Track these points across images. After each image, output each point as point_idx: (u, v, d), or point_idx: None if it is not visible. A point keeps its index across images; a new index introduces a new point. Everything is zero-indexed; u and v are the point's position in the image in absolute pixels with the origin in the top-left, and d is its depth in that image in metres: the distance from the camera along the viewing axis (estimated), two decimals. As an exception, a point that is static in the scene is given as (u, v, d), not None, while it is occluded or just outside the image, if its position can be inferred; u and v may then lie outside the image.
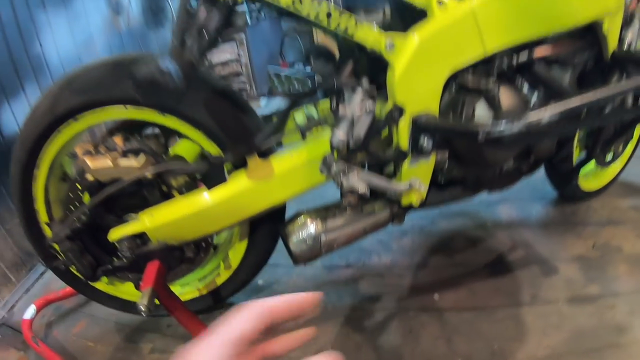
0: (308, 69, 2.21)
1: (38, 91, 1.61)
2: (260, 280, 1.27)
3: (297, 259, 0.88)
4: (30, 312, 1.24)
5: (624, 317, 1.01)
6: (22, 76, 1.54)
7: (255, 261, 1.08)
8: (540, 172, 1.34)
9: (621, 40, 1.07)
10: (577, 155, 1.26)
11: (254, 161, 0.85)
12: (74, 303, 1.33)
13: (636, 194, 1.47)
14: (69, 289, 1.27)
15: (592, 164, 1.43)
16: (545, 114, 0.79)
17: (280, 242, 1.03)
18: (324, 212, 0.88)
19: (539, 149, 1.01)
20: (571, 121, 0.88)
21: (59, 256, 1.00)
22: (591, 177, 1.44)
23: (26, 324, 1.21)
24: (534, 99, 0.96)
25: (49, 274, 1.50)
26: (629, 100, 1.06)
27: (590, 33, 0.94)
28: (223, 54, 2.75)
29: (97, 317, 1.26)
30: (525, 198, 1.49)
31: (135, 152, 0.84)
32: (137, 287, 0.95)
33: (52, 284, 1.42)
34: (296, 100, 0.84)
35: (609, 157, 1.40)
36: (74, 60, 1.81)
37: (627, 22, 1.09)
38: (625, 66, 0.99)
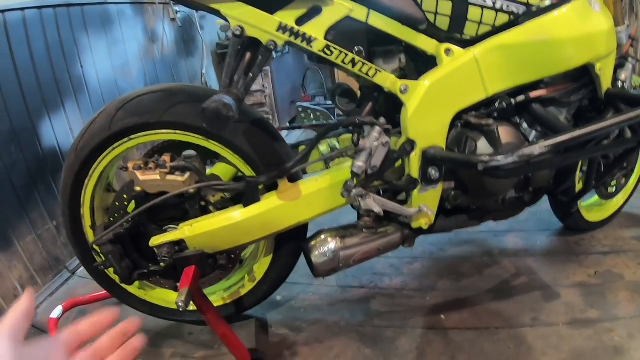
0: (329, 102, 2.44)
1: (77, 108, 1.83)
2: (279, 296, 1.44)
3: (317, 271, 1.06)
4: (57, 311, 1.37)
5: (622, 340, 1.12)
6: (62, 94, 1.76)
7: (277, 275, 1.26)
8: (547, 206, 1.50)
9: (615, 79, 1.25)
10: (579, 188, 1.40)
11: (284, 184, 1.05)
12: (98, 308, 1.49)
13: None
14: (95, 294, 1.44)
15: (596, 196, 1.60)
16: (536, 148, 0.98)
17: (300, 261, 1.21)
18: (342, 231, 1.07)
19: (535, 180, 1.18)
20: (562, 154, 1.05)
21: (97, 258, 1.18)
22: (595, 209, 1.59)
23: (52, 322, 1.33)
24: (532, 135, 1.14)
25: (73, 280, 1.68)
26: (615, 134, 1.21)
27: (586, 74, 1.11)
28: (249, 85, 3.00)
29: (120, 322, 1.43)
30: (531, 229, 1.65)
31: (181, 170, 1.04)
32: (175, 289, 1.13)
33: (76, 290, 1.58)
34: (323, 133, 1.04)
35: (611, 189, 1.56)
36: (111, 83, 2.06)
37: (621, 63, 1.28)
38: (617, 104, 1.16)
